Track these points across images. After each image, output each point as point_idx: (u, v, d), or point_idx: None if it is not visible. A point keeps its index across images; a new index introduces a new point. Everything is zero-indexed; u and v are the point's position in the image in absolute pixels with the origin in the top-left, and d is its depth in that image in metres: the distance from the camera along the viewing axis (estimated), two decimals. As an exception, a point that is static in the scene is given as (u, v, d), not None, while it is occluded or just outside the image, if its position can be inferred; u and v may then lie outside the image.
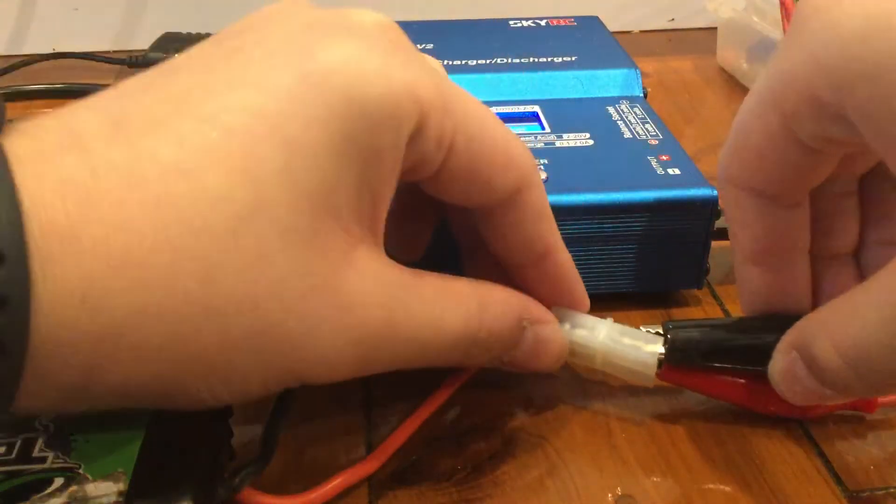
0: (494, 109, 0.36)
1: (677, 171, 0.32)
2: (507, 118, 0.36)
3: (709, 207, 0.31)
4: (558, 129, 0.35)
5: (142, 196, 0.18)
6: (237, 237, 0.19)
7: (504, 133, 0.24)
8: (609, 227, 0.31)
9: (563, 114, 0.36)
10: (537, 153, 0.33)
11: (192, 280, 0.18)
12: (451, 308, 0.23)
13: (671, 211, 0.31)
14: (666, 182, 0.31)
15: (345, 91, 0.20)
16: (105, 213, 0.18)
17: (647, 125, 0.35)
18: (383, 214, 0.22)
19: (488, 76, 0.38)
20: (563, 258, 0.26)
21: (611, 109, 0.37)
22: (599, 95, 0.38)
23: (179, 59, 0.21)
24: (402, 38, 0.22)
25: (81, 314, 0.17)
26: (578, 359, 0.27)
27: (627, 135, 0.34)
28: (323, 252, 0.20)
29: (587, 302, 0.27)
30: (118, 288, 0.18)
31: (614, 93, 0.38)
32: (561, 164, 0.32)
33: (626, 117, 0.36)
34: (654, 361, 0.26)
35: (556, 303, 0.27)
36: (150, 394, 0.20)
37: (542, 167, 0.32)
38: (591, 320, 0.27)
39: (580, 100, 0.38)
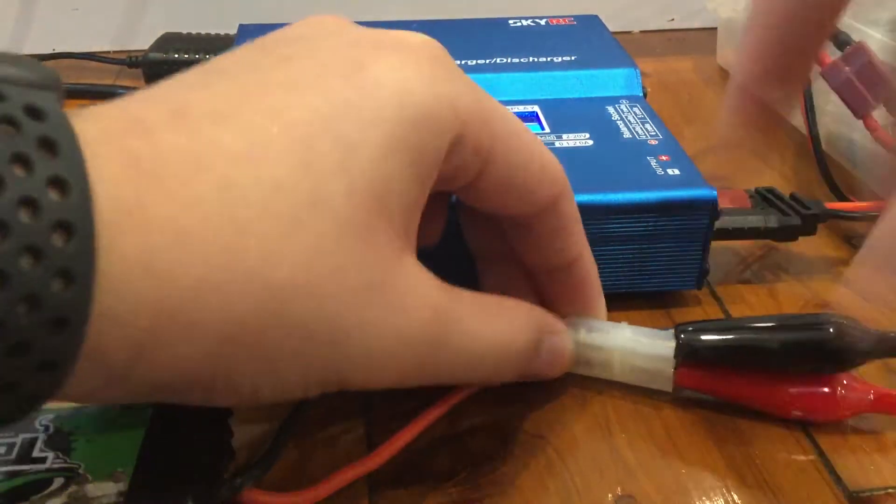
0: None
1: (677, 172, 0.32)
2: None
3: (709, 207, 0.31)
4: (558, 129, 0.35)
5: (207, 177, 0.19)
6: (298, 224, 0.19)
7: (539, 146, 0.25)
8: (608, 228, 0.31)
9: (563, 114, 0.36)
10: None
11: (253, 258, 0.19)
12: (500, 323, 0.24)
13: (671, 211, 0.31)
14: (666, 182, 0.31)
15: (395, 98, 0.21)
16: (171, 191, 0.18)
17: (646, 125, 0.35)
18: (417, 222, 0.23)
19: (488, 76, 0.38)
20: (590, 263, 0.27)
21: (611, 109, 0.37)
22: (599, 95, 0.38)
23: (226, 62, 0.22)
24: (446, 56, 0.23)
25: (143, 286, 0.18)
26: (595, 369, 0.28)
27: (627, 135, 0.34)
28: (378, 249, 0.21)
29: (605, 309, 0.28)
30: (182, 261, 0.18)
31: (614, 93, 0.38)
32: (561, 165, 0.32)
33: (626, 117, 0.36)
34: (671, 358, 0.27)
35: (578, 308, 0.27)
36: (192, 380, 0.20)
37: None
38: (607, 325, 0.28)
39: (580, 100, 0.38)
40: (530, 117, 0.36)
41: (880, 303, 0.23)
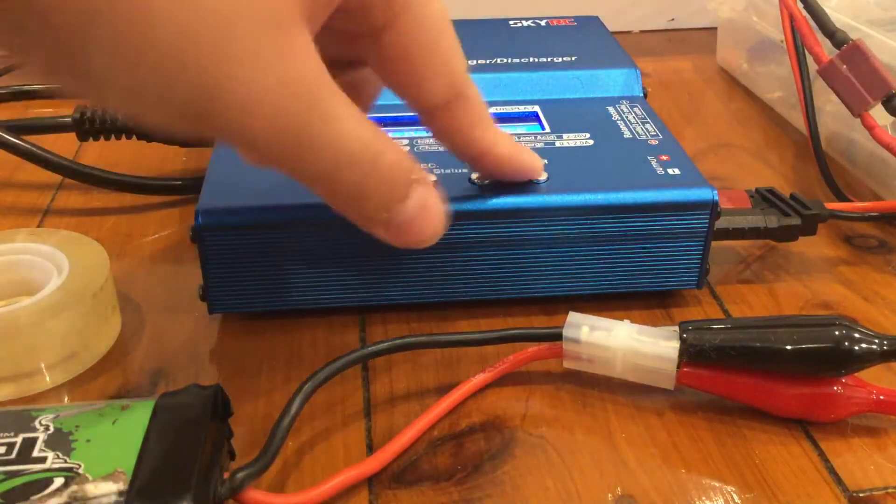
0: (494, 109, 0.36)
1: (677, 171, 0.32)
2: (507, 118, 0.36)
3: (709, 207, 0.31)
4: (558, 129, 0.35)
5: None
6: None
7: (452, 33, 0.25)
8: (609, 227, 0.31)
9: (563, 114, 0.36)
10: (537, 153, 0.33)
11: None
12: (358, 119, 0.23)
13: (671, 211, 0.31)
14: (666, 182, 0.31)
15: None
16: None
17: (646, 125, 0.35)
18: (320, 17, 0.22)
19: (488, 76, 0.38)
20: (503, 148, 0.29)
21: (611, 109, 0.37)
22: (599, 95, 0.38)
23: None
24: None
25: None
26: (598, 366, 0.28)
27: (627, 135, 0.34)
28: (288, 5, 0.20)
29: (538, 166, 0.31)
30: None
31: (614, 93, 0.38)
32: (561, 164, 0.32)
33: (626, 117, 0.36)
34: (674, 356, 0.27)
35: (462, 138, 0.28)
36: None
37: (542, 167, 0.32)
38: (609, 322, 0.28)
39: (580, 100, 0.38)
40: (530, 117, 0.36)
41: None
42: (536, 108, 0.37)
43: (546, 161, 0.32)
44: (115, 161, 0.42)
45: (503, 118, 0.36)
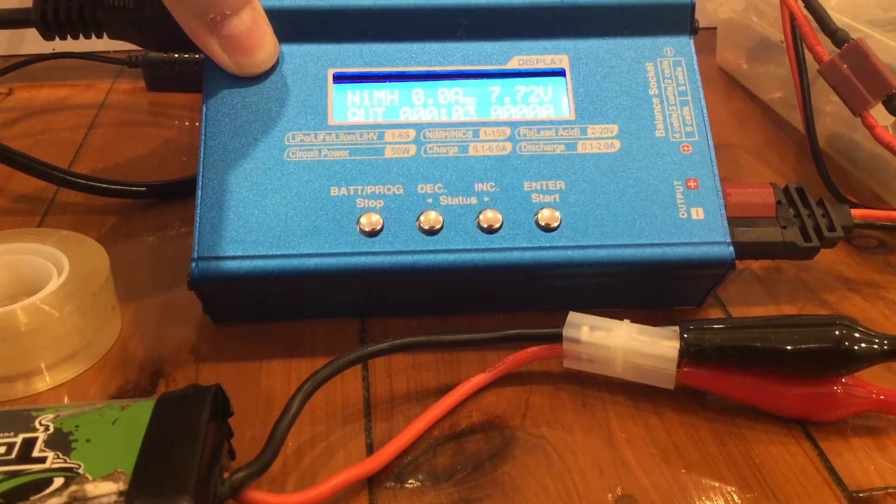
0: (515, 64, 0.32)
1: (700, 214, 0.30)
2: (528, 74, 0.32)
3: (725, 267, 0.30)
4: (586, 110, 0.31)
5: None
6: None
7: None
8: (620, 278, 0.30)
9: (594, 79, 0.32)
10: (554, 162, 0.30)
11: None
12: None
13: (685, 268, 0.30)
14: (684, 235, 0.29)
15: None
16: None
17: (684, 109, 0.32)
18: None
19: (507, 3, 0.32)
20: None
21: (650, 71, 0.32)
22: (640, 36, 0.33)
23: None
24: None
25: None
26: (598, 366, 0.28)
27: (660, 132, 0.31)
28: None
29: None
30: None
31: (660, 30, 0.33)
32: (578, 193, 0.30)
33: (666, 90, 0.32)
34: (674, 356, 0.27)
35: None
36: None
37: (556, 200, 0.30)
38: (609, 322, 0.28)
39: (616, 46, 0.32)
40: (555, 76, 0.32)
41: None
42: (565, 63, 0.32)
43: (564, 183, 0.30)
44: (112, 163, 0.42)
45: (521, 74, 0.32)
